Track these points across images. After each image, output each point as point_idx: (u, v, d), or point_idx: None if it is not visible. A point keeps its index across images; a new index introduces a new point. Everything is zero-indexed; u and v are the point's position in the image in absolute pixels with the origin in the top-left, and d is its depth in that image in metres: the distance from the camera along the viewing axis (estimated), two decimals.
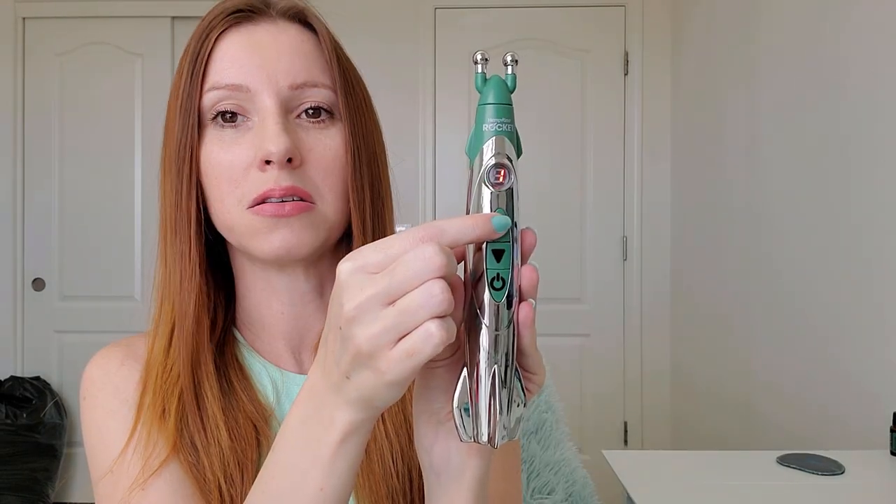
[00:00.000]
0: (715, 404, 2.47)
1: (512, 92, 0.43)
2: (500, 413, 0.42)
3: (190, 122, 0.60)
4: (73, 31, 3.05)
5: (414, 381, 0.46)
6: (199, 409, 0.61)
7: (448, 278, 0.39)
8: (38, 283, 3.07)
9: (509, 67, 0.44)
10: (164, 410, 0.60)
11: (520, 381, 0.44)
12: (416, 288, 0.38)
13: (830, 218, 1.73)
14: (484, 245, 0.41)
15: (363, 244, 0.61)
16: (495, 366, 0.42)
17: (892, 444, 1.36)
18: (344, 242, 0.67)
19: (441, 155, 3.04)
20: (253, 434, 0.61)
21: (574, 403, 2.97)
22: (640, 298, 3.00)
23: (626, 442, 3.01)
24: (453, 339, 0.39)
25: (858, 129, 1.62)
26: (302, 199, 0.59)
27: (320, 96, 0.61)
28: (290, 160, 0.58)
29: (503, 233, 0.40)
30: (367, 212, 0.64)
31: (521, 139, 0.43)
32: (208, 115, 0.61)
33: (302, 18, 0.64)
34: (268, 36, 0.61)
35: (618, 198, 3.01)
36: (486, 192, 0.41)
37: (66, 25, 3.06)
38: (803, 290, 1.85)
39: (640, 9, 2.98)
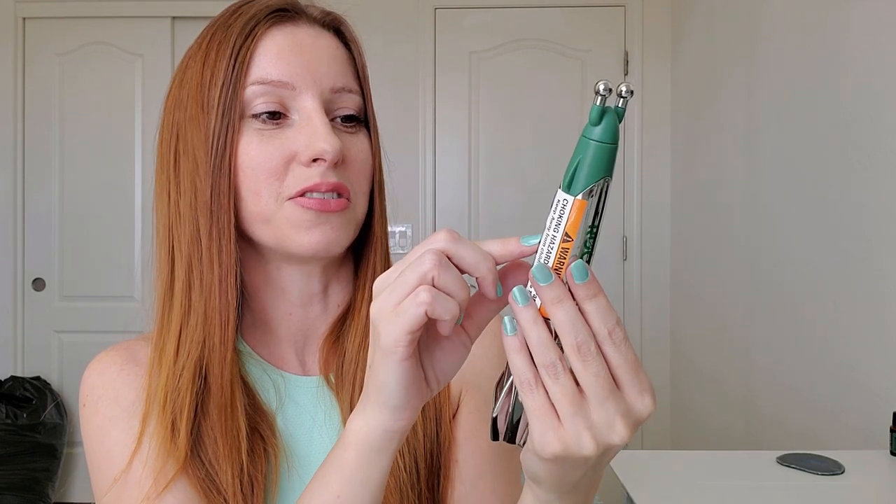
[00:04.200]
0: (715, 404, 2.47)
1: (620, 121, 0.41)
2: (516, 409, 0.44)
3: (232, 116, 0.59)
4: (73, 31, 3.05)
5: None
6: (209, 421, 0.59)
7: (451, 256, 0.43)
8: (38, 283, 3.07)
9: (622, 101, 0.41)
10: (173, 423, 0.58)
11: None
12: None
13: (831, 217, 1.73)
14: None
15: (383, 245, 0.68)
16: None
17: (892, 444, 1.36)
18: (351, 246, 0.67)
19: (441, 155, 3.04)
20: (261, 446, 0.60)
21: None
22: (640, 298, 3.00)
23: None
24: (447, 315, 0.42)
25: (858, 128, 1.62)
26: (340, 196, 0.60)
27: (353, 103, 0.63)
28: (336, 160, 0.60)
29: (533, 245, 0.42)
30: (385, 215, 0.68)
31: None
32: (247, 111, 0.60)
33: (336, 27, 0.65)
34: (309, 38, 0.62)
35: (618, 198, 3.01)
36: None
37: (66, 25, 3.06)
38: (803, 290, 1.85)
39: (640, 9, 2.98)
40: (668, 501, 1.18)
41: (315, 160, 0.59)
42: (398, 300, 0.42)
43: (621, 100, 0.40)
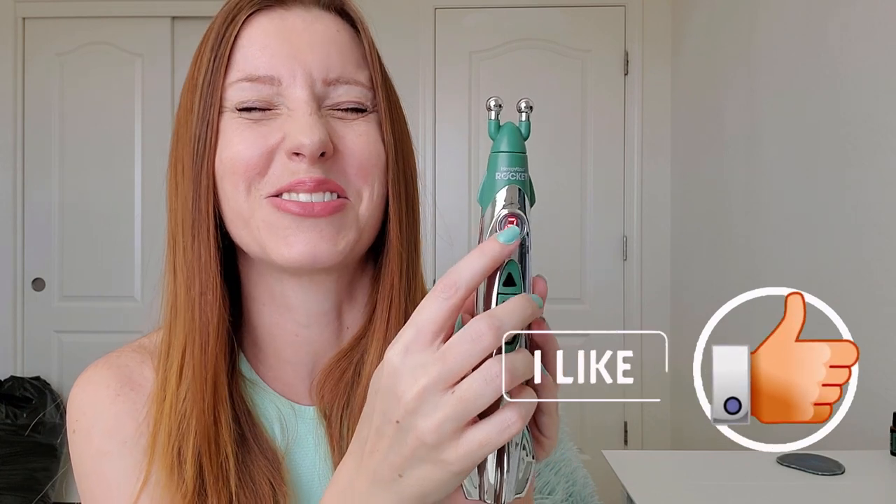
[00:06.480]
0: None
1: (526, 139, 0.42)
2: (507, 471, 0.41)
3: (211, 113, 0.54)
4: (73, 31, 3.05)
5: None
6: (217, 453, 0.53)
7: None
8: (38, 283, 3.07)
9: (523, 114, 0.43)
10: (179, 453, 0.53)
11: (530, 439, 0.43)
12: (474, 371, 0.37)
13: (830, 217, 1.73)
14: (494, 299, 0.40)
15: (399, 250, 0.57)
16: None
17: (892, 444, 1.36)
18: (369, 261, 0.61)
19: (441, 155, 3.04)
20: (270, 494, 0.54)
21: (574, 403, 2.97)
22: (640, 298, 2.99)
23: (626, 442, 3.01)
24: (530, 416, 0.39)
25: (858, 128, 1.62)
26: (333, 194, 0.53)
27: (353, 94, 0.56)
28: (321, 154, 0.52)
29: (516, 241, 0.40)
30: (404, 214, 0.58)
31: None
32: (230, 104, 0.54)
33: (338, 7, 0.58)
34: (301, 23, 0.55)
35: (618, 198, 3.01)
36: None
37: (66, 25, 3.06)
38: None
39: (640, 9, 2.98)
40: (668, 501, 1.18)
41: (297, 153, 0.52)
42: (462, 422, 0.37)
43: (523, 114, 0.42)
